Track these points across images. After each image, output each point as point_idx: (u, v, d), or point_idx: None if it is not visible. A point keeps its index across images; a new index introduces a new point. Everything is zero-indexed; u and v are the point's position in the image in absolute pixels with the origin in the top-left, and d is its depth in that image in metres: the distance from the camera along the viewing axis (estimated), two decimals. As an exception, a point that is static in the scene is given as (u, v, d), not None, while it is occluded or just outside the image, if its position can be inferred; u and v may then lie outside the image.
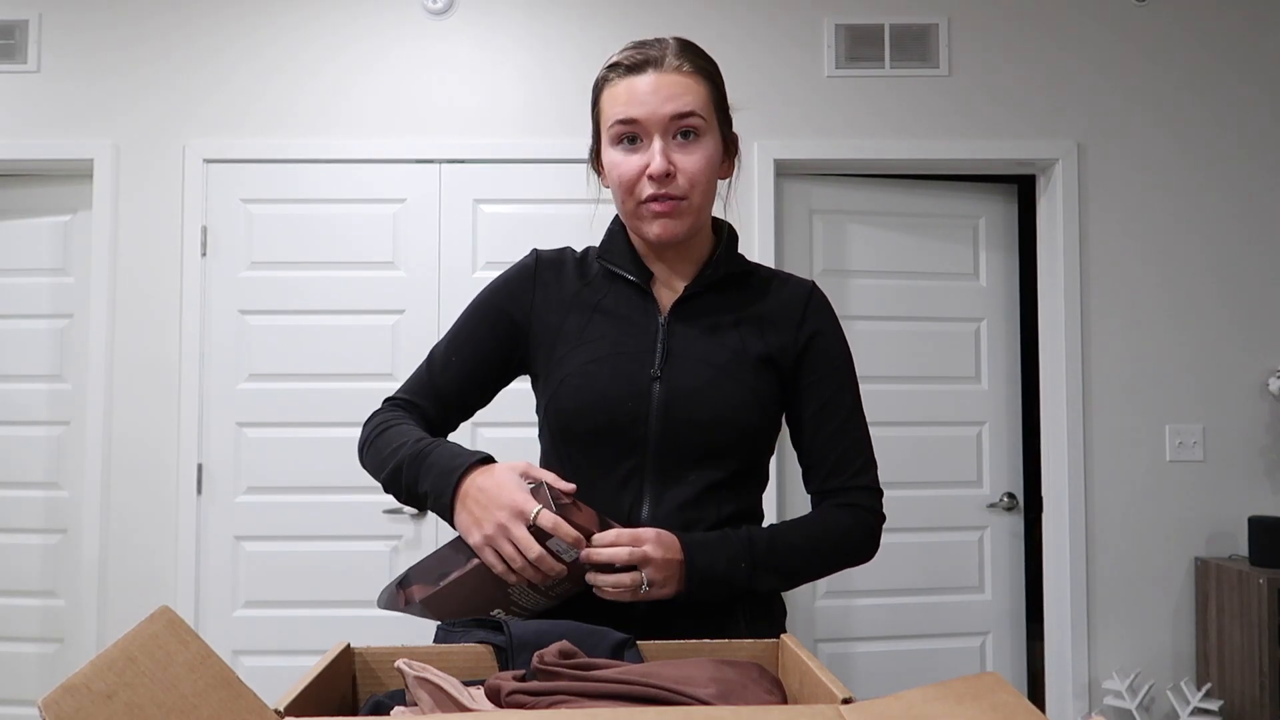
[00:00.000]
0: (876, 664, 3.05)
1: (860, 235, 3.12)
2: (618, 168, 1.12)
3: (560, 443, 1.15)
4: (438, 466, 1.06)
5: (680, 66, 1.11)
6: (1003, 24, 3.03)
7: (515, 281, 1.21)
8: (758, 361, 1.15)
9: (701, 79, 1.12)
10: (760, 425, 1.14)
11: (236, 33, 2.99)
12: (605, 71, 1.14)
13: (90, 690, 0.55)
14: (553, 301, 1.19)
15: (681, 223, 1.12)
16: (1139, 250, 3.01)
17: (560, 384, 1.14)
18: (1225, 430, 2.98)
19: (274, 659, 2.86)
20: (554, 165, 2.94)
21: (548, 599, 1.04)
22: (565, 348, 1.16)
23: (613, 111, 1.11)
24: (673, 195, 1.10)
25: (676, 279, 1.19)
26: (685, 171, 1.10)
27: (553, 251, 1.24)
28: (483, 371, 1.21)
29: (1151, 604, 2.95)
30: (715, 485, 1.12)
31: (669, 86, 1.09)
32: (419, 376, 1.22)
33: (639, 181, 1.11)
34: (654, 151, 1.09)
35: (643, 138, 1.10)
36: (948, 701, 0.60)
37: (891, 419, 3.05)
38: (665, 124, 1.09)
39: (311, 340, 2.93)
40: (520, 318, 1.20)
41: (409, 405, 1.20)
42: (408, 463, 1.09)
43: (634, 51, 1.11)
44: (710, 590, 1.05)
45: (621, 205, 1.15)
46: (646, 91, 1.09)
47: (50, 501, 2.97)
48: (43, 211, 3.04)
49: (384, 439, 1.14)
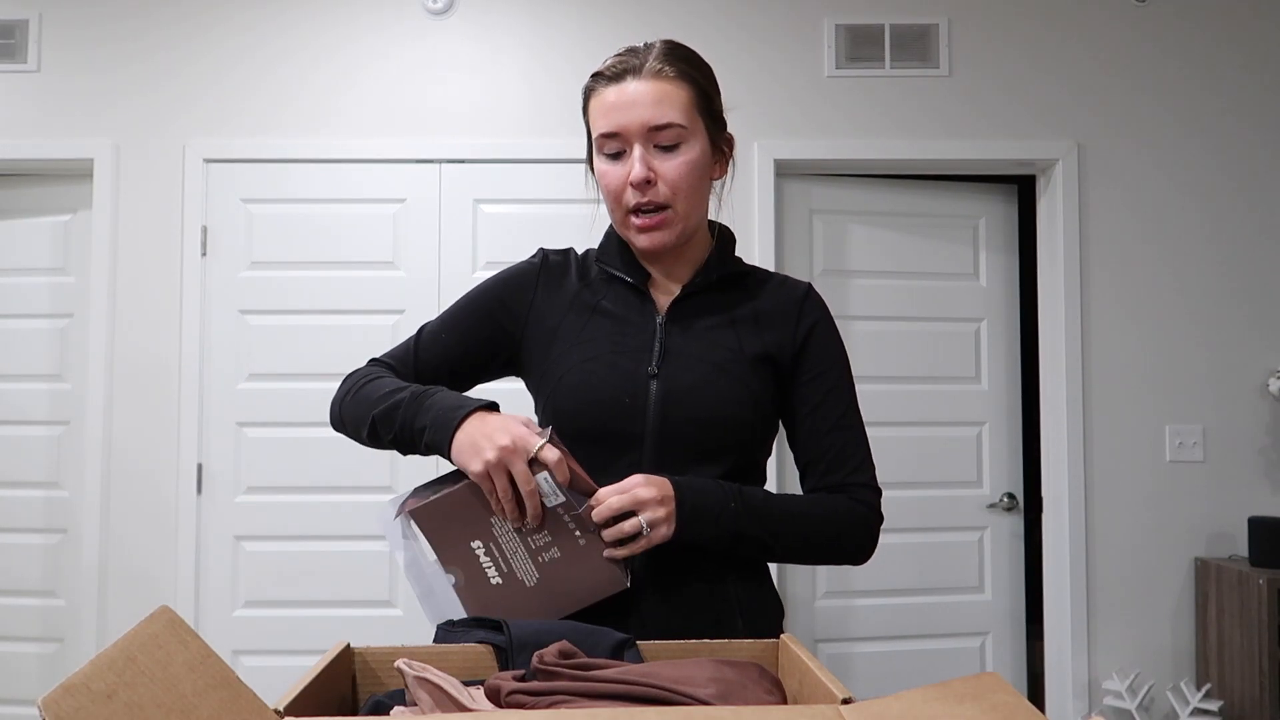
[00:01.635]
0: (876, 664, 3.05)
1: (860, 235, 3.12)
2: (604, 177, 1.14)
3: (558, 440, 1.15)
4: (440, 405, 1.07)
5: (661, 71, 1.11)
6: (1003, 24, 3.03)
7: (519, 279, 1.22)
8: (754, 360, 1.15)
9: (684, 84, 1.12)
10: (756, 423, 1.14)
11: (236, 33, 2.99)
12: (590, 80, 1.15)
13: (90, 690, 0.55)
14: (554, 303, 1.20)
15: (669, 233, 1.13)
16: (1139, 250, 3.01)
17: (558, 382, 1.15)
18: (1225, 430, 2.98)
19: (274, 659, 2.86)
20: (554, 165, 2.94)
21: (528, 552, 1.03)
22: (562, 347, 1.16)
23: (596, 123, 1.13)
24: (656, 204, 1.11)
25: (673, 281, 1.20)
26: (666, 179, 1.11)
27: (559, 253, 1.25)
28: (465, 360, 1.21)
29: (1151, 604, 2.95)
30: None
31: (646, 96, 1.10)
32: (406, 347, 1.23)
33: (624, 191, 1.12)
34: (634, 160, 1.11)
35: (625, 147, 1.12)
36: (948, 701, 0.60)
37: (891, 419, 3.05)
38: (644, 134, 1.10)
39: (311, 340, 2.93)
40: (517, 316, 1.20)
41: (391, 369, 1.21)
42: (407, 402, 1.10)
43: (616, 60, 1.12)
44: (700, 527, 1.06)
45: (611, 214, 1.17)
46: (625, 103, 1.10)
47: (50, 501, 2.97)
48: (43, 211, 3.04)
49: (374, 385, 1.15)
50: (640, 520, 1.01)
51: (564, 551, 1.03)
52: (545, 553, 1.03)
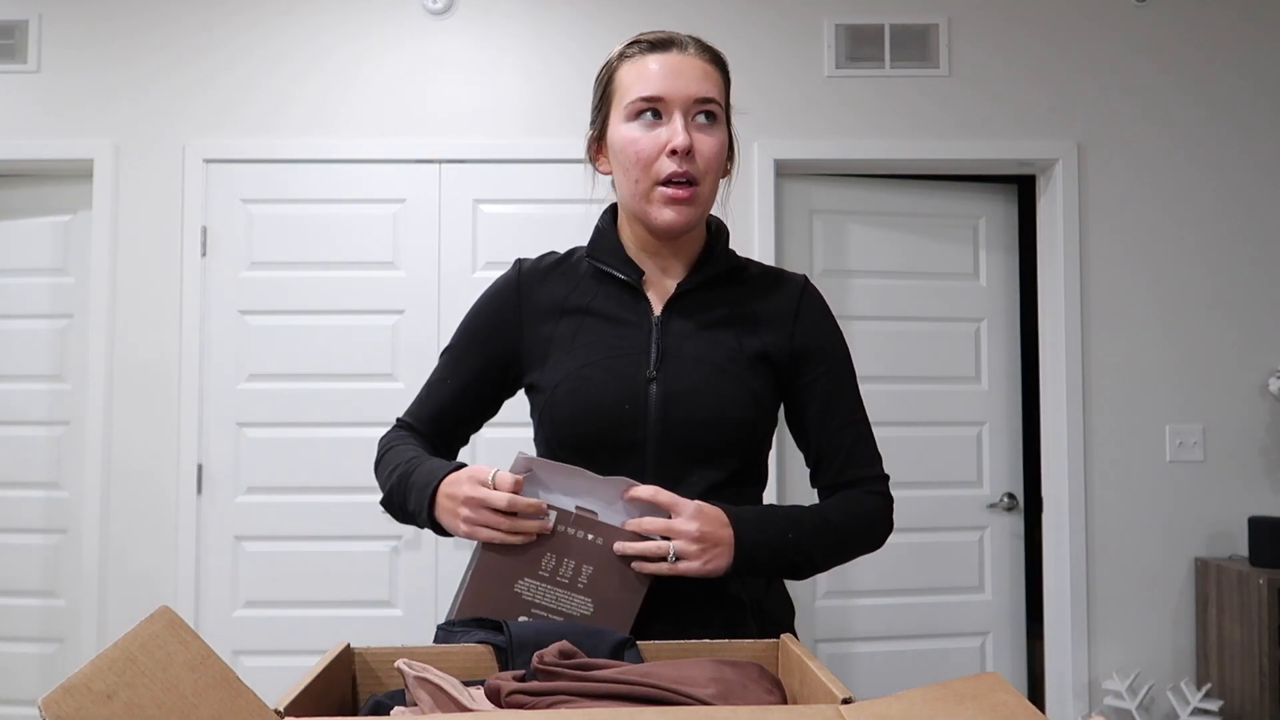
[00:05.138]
0: (876, 664, 3.05)
1: (860, 235, 3.12)
2: (635, 144, 1.08)
3: (556, 449, 1.13)
4: (418, 484, 1.08)
5: (704, 51, 1.12)
6: (1003, 24, 3.03)
7: (499, 296, 1.20)
8: (753, 358, 1.13)
9: (718, 70, 1.13)
10: (759, 422, 1.13)
11: (236, 32, 2.99)
12: (623, 49, 1.14)
13: (90, 690, 0.55)
14: (541, 310, 1.17)
15: (694, 210, 1.10)
16: (1139, 250, 3.01)
17: (554, 391, 1.12)
18: (1225, 430, 2.98)
19: (274, 659, 2.86)
20: (554, 165, 2.94)
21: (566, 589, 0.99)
22: (559, 354, 1.14)
23: (635, 87, 1.09)
24: (690, 178, 1.08)
25: (668, 277, 1.17)
26: (703, 154, 1.09)
27: (536, 259, 1.22)
28: (478, 396, 1.21)
29: (1151, 604, 2.95)
30: (717, 485, 1.10)
31: (694, 69, 1.09)
32: (420, 399, 1.23)
33: (657, 159, 1.08)
34: (676, 128, 1.07)
35: (664, 115, 1.08)
36: (948, 702, 0.60)
37: (891, 419, 3.05)
38: (689, 104, 1.08)
39: (311, 340, 2.93)
40: (509, 332, 1.18)
41: (410, 427, 1.22)
42: (396, 486, 1.11)
43: (656, 32, 1.12)
44: (757, 565, 1.04)
45: (634, 186, 1.10)
46: (672, 71, 1.08)
47: (50, 501, 2.97)
48: (43, 211, 3.04)
49: (384, 462, 1.17)
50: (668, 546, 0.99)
51: (594, 563, 0.99)
52: (580, 578, 1.00)
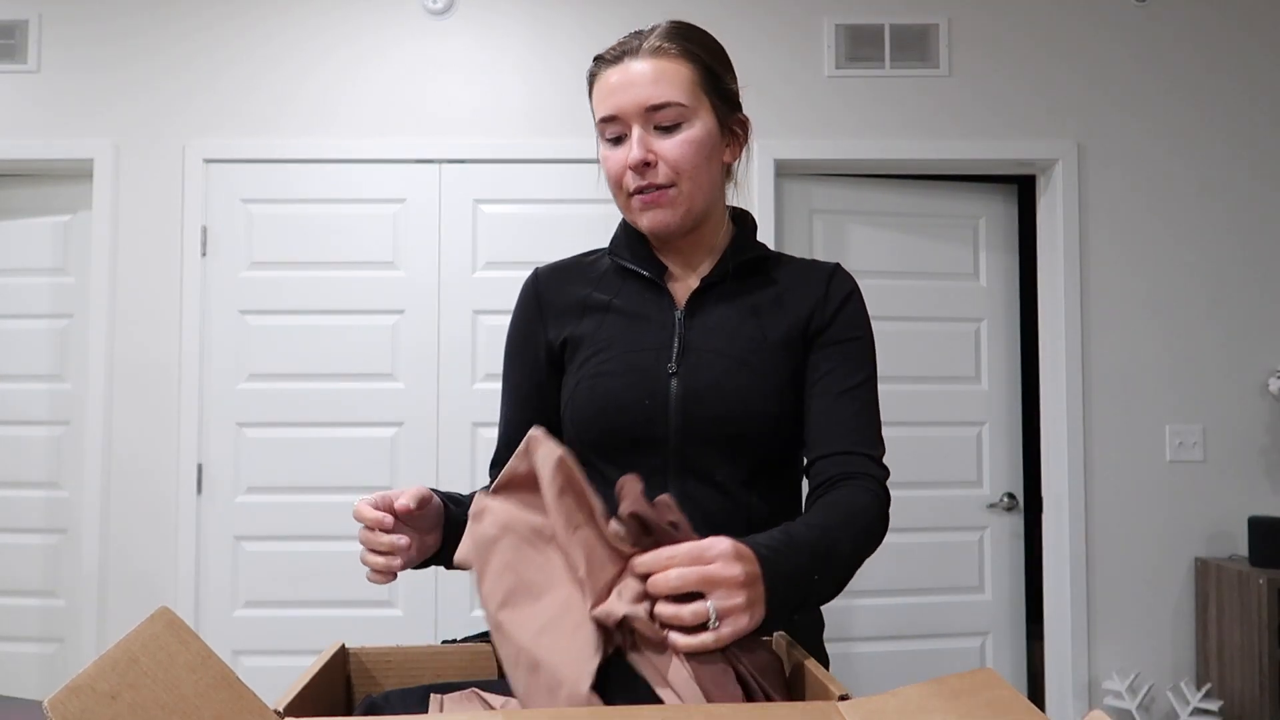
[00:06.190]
0: (876, 664, 3.05)
1: (860, 235, 3.12)
2: (606, 163, 1.10)
3: (579, 448, 1.11)
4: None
5: (661, 49, 1.07)
6: (1003, 24, 3.03)
7: (522, 310, 1.20)
8: (779, 348, 1.09)
9: (686, 61, 1.07)
10: (783, 416, 1.08)
11: (236, 33, 2.99)
12: (592, 64, 1.12)
13: (95, 691, 0.56)
14: (562, 310, 1.16)
15: (672, 212, 1.08)
16: (1139, 250, 3.02)
17: (575, 389, 1.11)
18: (1225, 430, 2.98)
19: (274, 659, 2.87)
20: (555, 165, 2.94)
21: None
22: (585, 352, 1.12)
23: (598, 108, 1.09)
24: (657, 184, 1.06)
25: (691, 272, 1.14)
26: (666, 159, 1.06)
27: (550, 264, 1.22)
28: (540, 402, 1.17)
29: (1151, 604, 2.96)
30: (744, 483, 1.07)
31: (644, 75, 1.06)
32: (498, 442, 1.21)
33: (624, 174, 1.08)
34: (632, 142, 1.06)
35: (625, 130, 1.08)
36: (943, 697, 0.60)
37: (891, 419, 3.05)
38: (642, 114, 1.06)
39: (311, 340, 2.94)
40: (539, 337, 1.17)
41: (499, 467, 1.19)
42: None
43: (616, 44, 1.10)
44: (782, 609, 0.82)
45: (617, 199, 1.12)
46: (621, 85, 1.07)
47: (50, 501, 2.97)
48: (43, 211, 3.04)
49: None
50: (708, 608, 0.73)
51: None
52: None
